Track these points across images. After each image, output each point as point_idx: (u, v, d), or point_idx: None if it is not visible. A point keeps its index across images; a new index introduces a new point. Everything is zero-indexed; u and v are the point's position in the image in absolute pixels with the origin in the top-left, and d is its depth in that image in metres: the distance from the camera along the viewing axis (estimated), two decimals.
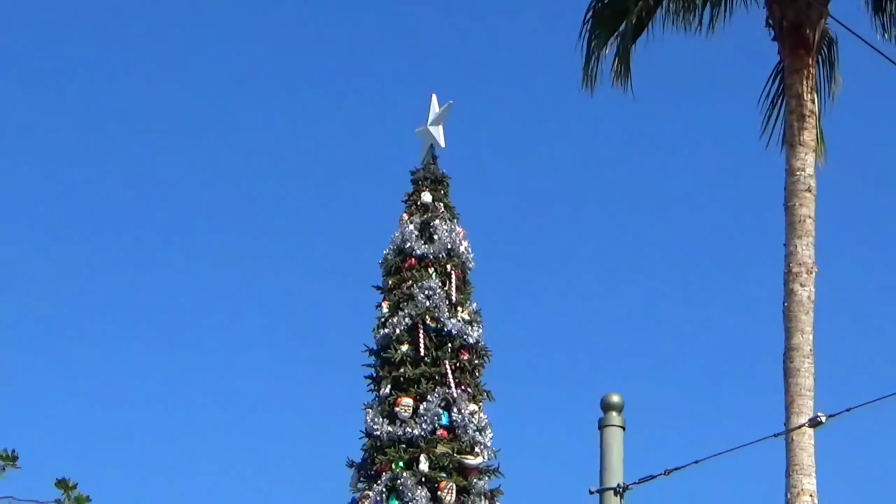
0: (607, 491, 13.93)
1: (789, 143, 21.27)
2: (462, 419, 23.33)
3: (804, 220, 20.60)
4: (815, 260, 20.53)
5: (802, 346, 19.77)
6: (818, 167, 21.36)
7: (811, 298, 20.28)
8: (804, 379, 19.48)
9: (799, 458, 18.81)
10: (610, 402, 14.76)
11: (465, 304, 24.33)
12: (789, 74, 21.65)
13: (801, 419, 18.65)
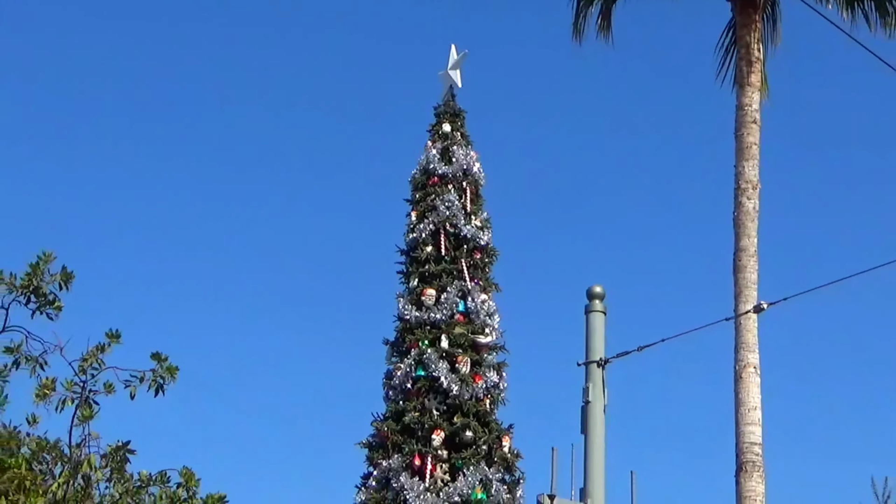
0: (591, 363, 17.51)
1: (739, 83, 23.78)
2: (475, 306, 25.85)
3: (751, 146, 23.05)
4: (759, 178, 23.10)
5: (748, 247, 22.19)
6: (762, 103, 23.94)
7: (756, 209, 22.75)
8: (750, 274, 21.95)
9: (745, 337, 20.96)
10: (593, 292, 18.44)
11: (478, 214, 26.88)
12: (740, 28, 24.17)
13: (747, 306, 21.18)
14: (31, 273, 12.60)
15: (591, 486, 16.31)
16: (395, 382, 25.46)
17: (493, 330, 26.18)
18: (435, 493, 24.06)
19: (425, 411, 24.75)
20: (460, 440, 24.65)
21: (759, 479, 20.58)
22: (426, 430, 24.60)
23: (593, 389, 17.16)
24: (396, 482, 24.30)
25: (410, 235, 26.56)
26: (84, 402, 12.88)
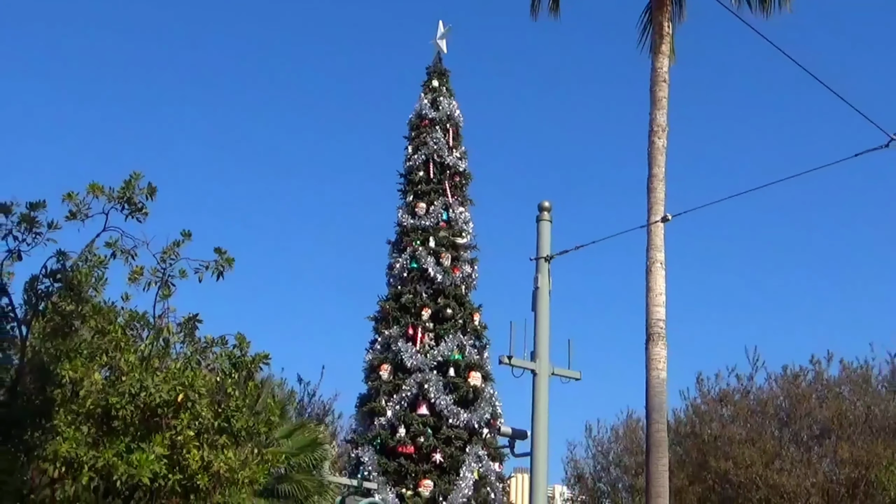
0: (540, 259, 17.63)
1: (653, 52, 23.42)
2: (455, 216, 26.24)
3: (661, 99, 23.08)
4: (667, 122, 22.96)
5: (658, 174, 22.36)
6: (671, 67, 23.69)
7: (664, 146, 22.69)
8: (659, 194, 22.14)
9: (654, 241, 21.03)
10: (542, 205, 18.51)
11: (458, 147, 26.98)
12: (654, 10, 23.96)
13: (656, 217, 21.62)
14: (125, 187, 13.03)
15: (538, 350, 16.50)
16: (395, 272, 25.92)
17: (468, 234, 26.48)
18: (423, 354, 24.52)
19: (417, 294, 25.22)
20: (443, 315, 25.07)
21: (663, 346, 20.84)
22: (417, 308, 25.05)
23: (541, 278, 17.34)
24: (395, 346, 24.76)
25: (407, 163, 26.83)
26: (164, 284, 13.32)
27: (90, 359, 12.40)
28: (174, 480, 11.89)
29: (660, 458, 20.44)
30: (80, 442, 11.63)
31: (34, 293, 13.35)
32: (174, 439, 11.90)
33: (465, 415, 24.04)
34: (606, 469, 35.42)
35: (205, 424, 12.16)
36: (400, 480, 23.64)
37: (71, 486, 12.03)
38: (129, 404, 11.82)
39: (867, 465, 26.86)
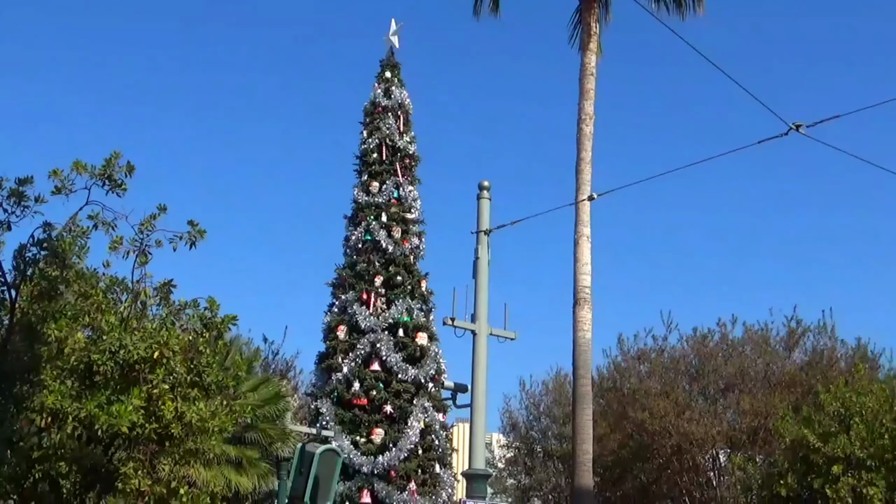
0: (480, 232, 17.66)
1: (582, 49, 23.57)
2: (405, 194, 25.93)
3: (589, 90, 23.22)
4: (594, 111, 23.09)
5: (585, 158, 22.44)
6: (598, 62, 23.85)
7: (591, 133, 22.84)
8: (586, 175, 22.23)
9: (581, 217, 21.11)
10: (482, 185, 18.54)
11: (408, 132, 26.60)
12: (583, 12, 24.03)
13: (583, 196, 21.95)
14: (106, 165, 13.03)
15: (478, 313, 16.62)
16: (351, 244, 25.82)
17: (416, 210, 26.33)
18: (376, 316, 24.51)
19: (370, 263, 25.17)
20: (393, 282, 25.04)
21: (588, 309, 20.98)
22: (371, 276, 25.00)
23: (481, 249, 17.40)
24: (351, 309, 24.74)
25: (362, 146, 26.54)
26: (141, 253, 13.27)
27: (74, 320, 12.49)
28: (150, 429, 11.97)
29: (585, 409, 20.64)
30: (64, 395, 11.73)
31: (23, 260, 13.46)
32: (150, 392, 11.99)
33: (413, 371, 24.12)
34: (538, 419, 35.68)
35: (178, 379, 12.24)
36: (354, 429, 23.72)
37: (56, 435, 12.11)
38: (110, 361, 11.92)
39: (765, 416, 27.25)
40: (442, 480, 24.16)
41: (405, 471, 23.42)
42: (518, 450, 35.95)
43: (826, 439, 22.56)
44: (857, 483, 21.78)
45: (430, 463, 24.09)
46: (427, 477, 23.93)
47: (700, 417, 28.88)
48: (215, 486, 15.92)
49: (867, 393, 23.34)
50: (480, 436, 16.85)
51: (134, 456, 12.33)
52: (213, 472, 17.37)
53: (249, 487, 20.45)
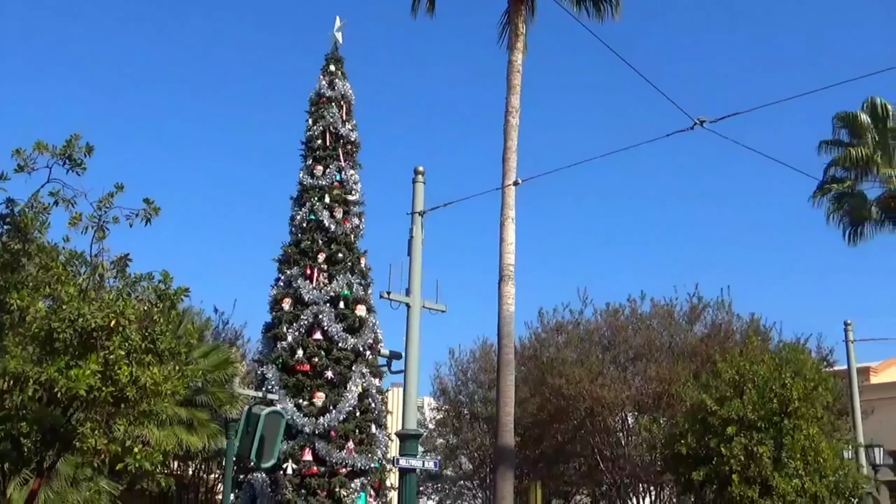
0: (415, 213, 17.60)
1: (510, 47, 23.56)
2: (346, 177, 25.34)
3: (515, 86, 23.24)
4: (520, 105, 23.16)
5: (511, 147, 22.42)
6: (524, 60, 23.85)
7: (517, 124, 22.78)
8: (512, 163, 22.13)
9: (507, 200, 21.26)
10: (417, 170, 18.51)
11: (350, 121, 26.03)
12: (511, 13, 23.93)
13: (509, 182, 22.05)
14: (66, 146, 12.82)
15: (412, 287, 16.62)
16: (296, 223, 25.51)
17: (357, 192, 25.91)
18: (318, 290, 24.34)
19: (314, 241, 24.95)
20: (335, 259, 24.86)
21: (512, 285, 21.07)
22: (314, 252, 24.81)
23: (415, 229, 17.39)
24: (295, 283, 24.55)
25: (308, 133, 26.09)
26: (99, 228, 13.09)
27: (35, 290, 12.36)
28: (107, 392, 11.85)
29: (507, 376, 20.77)
30: (26, 360, 11.67)
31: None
32: (107, 358, 11.86)
33: (352, 340, 24.01)
34: (465, 384, 35.83)
35: (133, 345, 12.13)
36: (297, 393, 23.61)
37: (18, 397, 11.93)
38: (69, 328, 11.77)
39: (669, 382, 27.67)
40: (377, 440, 24.18)
41: (344, 431, 23.38)
42: (447, 412, 36.06)
43: (722, 403, 23.03)
44: (749, 442, 22.28)
45: (366, 424, 24.07)
46: (364, 436, 23.92)
47: (611, 383, 29.25)
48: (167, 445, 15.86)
49: (759, 362, 23.85)
50: (413, 399, 16.92)
51: (91, 417, 12.25)
52: (166, 432, 17.22)
53: (199, 446, 20.33)
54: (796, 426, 22.44)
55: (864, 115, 33.77)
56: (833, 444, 23.52)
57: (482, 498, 33.44)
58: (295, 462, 23.02)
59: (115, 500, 16.11)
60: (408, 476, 15.66)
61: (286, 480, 22.75)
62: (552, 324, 33.00)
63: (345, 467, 23.25)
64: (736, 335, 29.61)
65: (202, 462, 26.85)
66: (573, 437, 29.92)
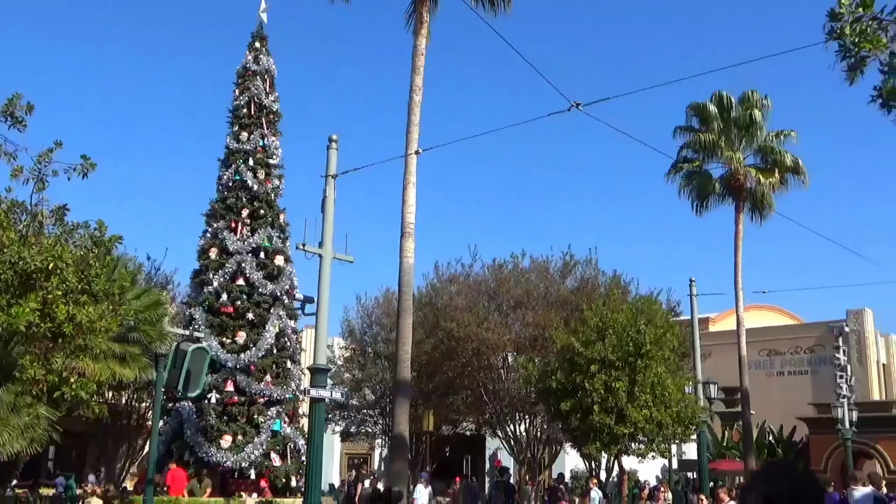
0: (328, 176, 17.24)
1: (415, 34, 23.13)
2: (268, 143, 24.96)
3: (419, 67, 22.77)
4: (423, 84, 22.90)
5: (414, 121, 22.12)
6: (427, 46, 23.49)
7: (420, 101, 22.33)
8: (414, 135, 21.80)
9: (409, 167, 21.12)
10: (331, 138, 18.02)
11: (272, 93, 25.58)
12: (417, 2, 23.44)
13: (411, 151, 21.93)
14: (8, 104, 12.17)
15: (324, 240, 16.35)
16: (223, 182, 25.09)
17: (277, 156, 25.64)
18: (242, 241, 24.00)
19: (238, 198, 24.54)
20: (257, 214, 24.52)
21: (412, 241, 21.00)
22: (238, 209, 24.43)
23: (329, 190, 17.06)
24: (221, 235, 24.14)
25: (234, 102, 25.69)
26: (39, 181, 12.45)
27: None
28: (45, 328, 11.44)
29: (406, 320, 20.75)
30: None
31: None
32: (46, 297, 11.42)
33: (271, 286, 23.75)
34: (370, 326, 35.73)
35: (70, 287, 11.67)
36: (221, 332, 23.29)
37: None
38: (10, 270, 11.32)
39: (543, 327, 28.09)
40: (292, 374, 24.05)
41: (262, 366, 23.19)
42: (353, 350, 35.94)
43: (587, 346, 23.52)
44: (608, 378, 22.84)
45: (282, 360, 23.90)
46: (280, 371, 23.76)
47: (494, 328, 29.55)
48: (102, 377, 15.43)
49: (618, 311, 24.39)
50: (323, 339, 16.73)
51: (30, 350, 11.87)
52: (101, 365, 16.64)
53: (132, 378, 19.77)
54: (647, 365, 23.08)
55: (712, 106, 34.63)
56: (677, 381, 24.31)
57: (382, 424, 33.55)
58: (218, 392, 22.72)
59: (54, 425, 15.55)
60: (317, 405, 15.52)
61: (210, 408, 22.46)
62: (446, 275, 33.10)
63: (263, 397, 23.06)
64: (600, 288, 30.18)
65: (134, 392, 26.23)
66: (461, 373, 30.18)
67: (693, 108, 35.18)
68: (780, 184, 34.17)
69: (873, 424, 34.76)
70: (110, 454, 27.35)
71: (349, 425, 35.03)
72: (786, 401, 39.86)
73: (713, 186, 34.56)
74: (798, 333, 45.36)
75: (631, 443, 23.54)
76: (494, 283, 31.71)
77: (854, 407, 30.48)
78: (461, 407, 32.11)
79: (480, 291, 31.64)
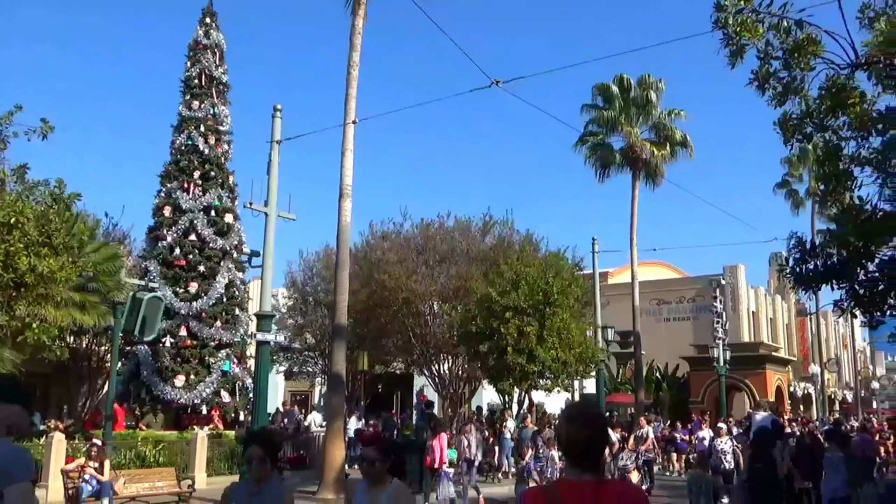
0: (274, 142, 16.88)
1: (354, 14, 22.63)
2: (218, 111, 24.34)
3: (357, 45, 21.88)
4: (359, 60, 22.27)
5: (352, 95, 21.19)
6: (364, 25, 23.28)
7: (356, 76, 21.68)
8: (352, 105, 21.07)
9: (347, 135, 21.42)
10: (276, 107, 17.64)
11: (222, 65, 24.83)
12: None
13: (349, 120, 21.26)
14: None
15: (270, 200, 16.14)
16: (176, 146, 24.43)
17: (226, 123, 25.08)
18: (194, 200, 23.43)
19: (191, 161, 23.91)
20: (208, 176, 24.02)
21: (349, 202, 20.66)
22: (191, 170, 23.85)
23: (274, 154, 16.81)
24: (175, 194, 23.58)
25: (186, 73, 24.97)
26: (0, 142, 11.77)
27: None
28: (8, 278, 11.01)
29: (343, 272, 20.56)
30: None
31: None
32: (8, 250, 10.95)
33: (221, 241, 23.32)
34: (311, 278, 35.34)
35: (31, 240, 11.21)
36: (175, 283, 22.79)
37: None
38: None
39: (465, 279, 28.22)
40: (240, 320, 23.76)
41: (213, 313, 22.86)
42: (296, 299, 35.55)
43: (503, 295, 23.77)
44: (521, 324, 23.16)
45: (231, 307, 23.58)
46: (229, 317, 23.43)
47: (422, 279, 29.58)
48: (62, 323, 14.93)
49: (530, 265, 24.68)
50: (268, 288, 16.58)
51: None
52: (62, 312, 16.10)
53: (91, 323, 19.22)
54: (555, 312, 23.47)
55: (614, 87, 34.99)
56: (580, 326, 24.80)
57: (321, 364, 33.47)
58: (172, 337, 22.30)
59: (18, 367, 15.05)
60: (263, 347, 15.41)
61: (165, 351, 22.07)
62: (379, 233, 32.86)
63: (213, 341, 22.74)
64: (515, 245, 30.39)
65: (94, 337, 25.53)
66: (392, 319, 30.18)
67: (598, 88, 35.53)
68: (671, 156, 34.93)
69: (742, 363, 36.24)
70: (72, 394, 26.65)
71: (292, 366, 34.82)
72: (671, 343, 41.16)
73: (614, 157, 35.12)
74: (683, 286, 46.73)
75: (539, 379, 24.01)
76: (422, 239, 31.66)
77: (727, 348, 31.63)
78: (392, 349, 32.21)
79: (410, 247, 31.56)
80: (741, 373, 36.91)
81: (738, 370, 35.89)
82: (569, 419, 2.84)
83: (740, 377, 37.30)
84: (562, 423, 2.90)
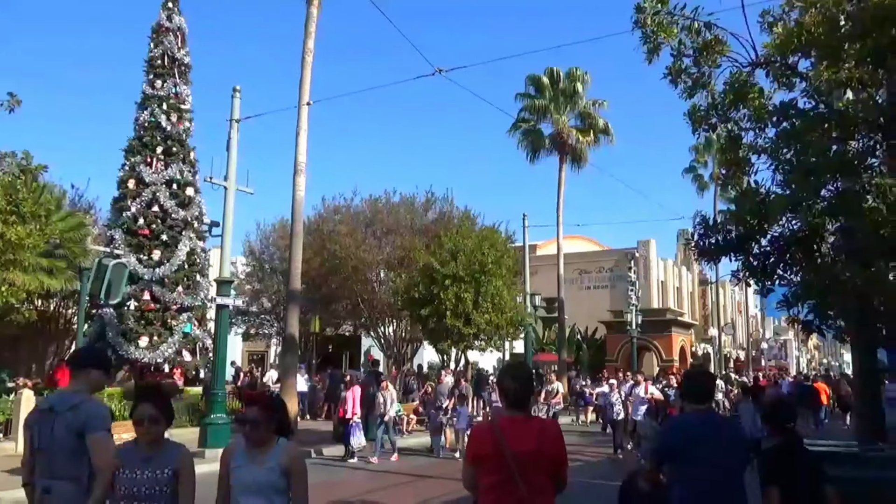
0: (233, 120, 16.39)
1: (309, 3, 21.76)
2: (180, 90, 23.35)
3: (311, 32, 21.15)
4: (314, 46, 21.45)
5: (306, 77, 21.24)
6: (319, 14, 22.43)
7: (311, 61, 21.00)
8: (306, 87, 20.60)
9: (301, 117, 20.85)
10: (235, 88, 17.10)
11: (184, 47, 23.82)
12: None
13: (304, 102, 21.18)
14: None
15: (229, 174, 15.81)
16: (140, 123, 23.54)
17: (188, 102, 24.23)
18: (157, 174, 22.74)
19: (154, 137, 23.15)
20: (170, 151, 23.28)
21: (303, 177, 20.42)
22: (154, 146, 23.08)
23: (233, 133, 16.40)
24: (138, 168, 22.83)
25: (150, 54, 23.90)
26: None
27: None
28: None
29: (297, 242, 20.35)
30: None
31: None
32: None
33: (182, 212, 22.70)
34: (268, 247, 34.81)
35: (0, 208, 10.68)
36: (139, 250, 22.12)
37: None
38: None
39: (409, 250, 28.20)
40: (201, 285, 23.26)
41: (175, 279, 22.31)
42: (253, 267, 35.00)
43: (443, 264, 23.86)
44: (459, 290, 23.32)
45: (192, 273, 23.05)
46: (190, 283, 22.92)
47: (370, 249, 29.46)
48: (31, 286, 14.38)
49: (468, 238, 24.80)
50: (227, 256, 16.30)
51: None
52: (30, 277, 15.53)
53: (58, 287, 18.59)
54: (489, 280, 23.69)
55: (545, 78, 35.17)
56: (511, 293, 25.10)
57: (277, 327, 33.12)
58: (136, 300, 21.71)
59: None
60: (223, 311, 15.16)
61: (130, 314, 21.49)
62: (331, 206, 32.56)
63: (175, 305, 22.23)
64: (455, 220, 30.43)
65: (62, 300, 24.69)
66: (342, 286, 30.01)
67: (530, 78, 35.67)
68: (594, 142, 35.38)
69: (652, 327, 37.27)
70: (40, 354, 25.80)
71: (249, 328, 34.37)
72: (591, 308, 41.99)
73: (543, 142, 35.42)
74: (602, 257, 47.60)
75: (475, 340, 24.28)
76: (370, 213, 31.46)
77: (639, 313, 32.44)
78: (342, 313, 32.07)
79: (359, 220, 31.34)
80: (650, 335, 38.00)
81: (648, 333, 36.93)
82: (507, 374, 3.49)
83: (650, 339, 38.40)
84: (501, 376, 3.54)
